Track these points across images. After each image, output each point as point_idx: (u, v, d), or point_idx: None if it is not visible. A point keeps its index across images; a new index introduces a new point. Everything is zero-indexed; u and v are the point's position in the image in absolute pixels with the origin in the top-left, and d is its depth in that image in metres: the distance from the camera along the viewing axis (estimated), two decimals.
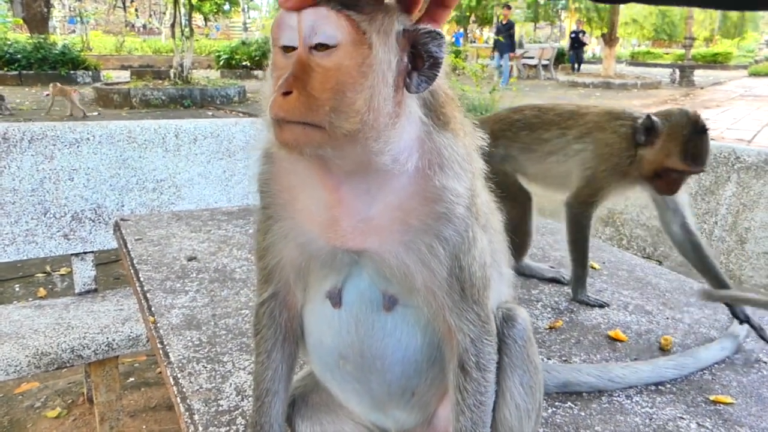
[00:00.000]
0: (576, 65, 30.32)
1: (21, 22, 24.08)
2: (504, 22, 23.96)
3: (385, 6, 0.81)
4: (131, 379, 3.66)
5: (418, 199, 0.87)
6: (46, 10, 23.37)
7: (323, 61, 0.78)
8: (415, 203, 0.87)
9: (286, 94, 0.77)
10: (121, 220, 2.52)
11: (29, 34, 22.32)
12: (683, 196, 1.93)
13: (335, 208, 0.88)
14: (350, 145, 0.80)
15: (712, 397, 1.44)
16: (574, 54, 30.38)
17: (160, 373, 3.70)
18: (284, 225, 0.95)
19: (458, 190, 0.88)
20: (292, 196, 0.93)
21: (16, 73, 19.43)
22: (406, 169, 0.86)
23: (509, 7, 24.48)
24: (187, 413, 1.28)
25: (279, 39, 0.81)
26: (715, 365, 1.59)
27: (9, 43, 19.99)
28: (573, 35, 30.43)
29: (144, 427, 3.21)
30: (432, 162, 0.87)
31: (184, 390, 1.36)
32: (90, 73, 20.74)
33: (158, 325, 1.65)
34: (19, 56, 19.46)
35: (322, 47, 0.77)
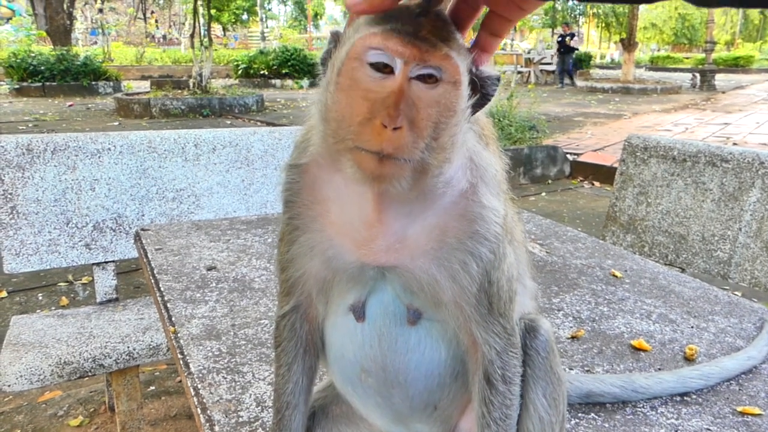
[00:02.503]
0: (563, 76, 26.27)
1: (44, 34, 24.49)
2: None
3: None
4: (152, 387, 3.68)
5: (457, 218, 0.87)
6: (68, 22, 23.76)
7: (425, 95, 0.77)
8: (454, 222, 0.87)
9: (396, 128, 0.75)
10: (142, 230, 2.53)
11: (52, 47, 22.71)
12: None
13: (374, 227, 0.87)
14: (425, 175, 0.81)
15: (739, 409, 1.40)
16: (560, 61, 26.41)
17: (180, 382, 3.72)
18: (312, 237, 0.94)
19: (499, 210, 0.88)
20: (324, 209, 0.92)
21: (39, 84, 19.77)
22: (453, 190, 0.86)
23: None
24: (207, 424, 1.28)
25: (370, 56, 0.77)
26: (742, 375, 1.56)
27: (33, 55, 20.35)
28: (559, 39, 26.43)
29: None
30: (477, 182, 0.87)
31: (204, 401, 1.36)
32: (111, 83, 21.06)
33: (179, 335, 1.66)
34: (42, 68, 19.81)
35: (428, 80, 0.77)
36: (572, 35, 26.21)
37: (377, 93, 0.76)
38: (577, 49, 26.90)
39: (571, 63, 26.31)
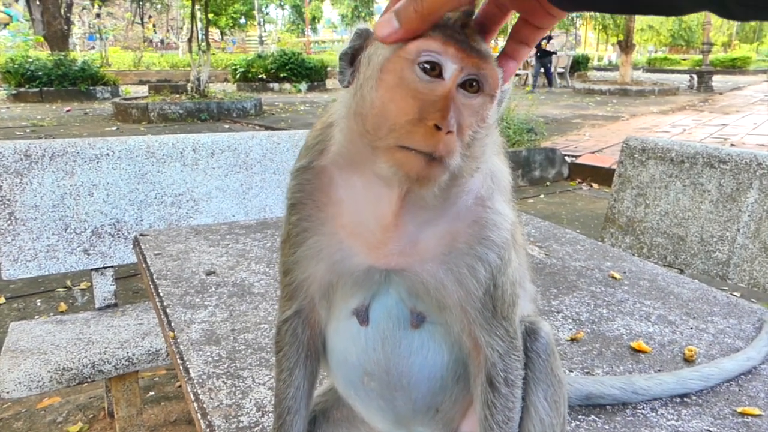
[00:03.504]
0: (536, 80, 25.50)
1: (42, 39, 24.51)
2: None
3: None
4: (151, 393, 3.67)
5: (470, 224, 0.88)
6: (66, 27, 23.81)
7: (468, 103, 0.78)
8: (466, 228, 0.88)
9: (449, 132, 0.75)
10: (141, 235, 2.53)
11: (50, 52, 22.72)
12: None
13: (389, 231, 0.87)
14: (455, 182, 0.82)
15: (739, 409, 1.41)
16: (537, 65, 25.54)
17: (180, 387, 3.71)
18: (320, 240, 0.93)
19: (510, 216, 0.90)
20: (337, 211, 0.91)
21: (37, 89, 19.77)
22: (470, 197, 0.88)
23: None
24: (207, 430, 1.28)
25: (423, 57, 0.77)
26: (742, 376, 1.56)
27: (30, 60, 20.34)
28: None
29: None
30: (491, 188, 0.89)
31: (204, 406, 1.35)
32: (109, 88, 21.07)
33: (178, 340, 1.66)
34: (40, 73, 19.80)
35: (469, 88, 0.78)
36: (549, 38, 25.15)
37: (426, 95, 0.76)
38: (555, 53, 26.13)
39: (550, 66, 25.79)
